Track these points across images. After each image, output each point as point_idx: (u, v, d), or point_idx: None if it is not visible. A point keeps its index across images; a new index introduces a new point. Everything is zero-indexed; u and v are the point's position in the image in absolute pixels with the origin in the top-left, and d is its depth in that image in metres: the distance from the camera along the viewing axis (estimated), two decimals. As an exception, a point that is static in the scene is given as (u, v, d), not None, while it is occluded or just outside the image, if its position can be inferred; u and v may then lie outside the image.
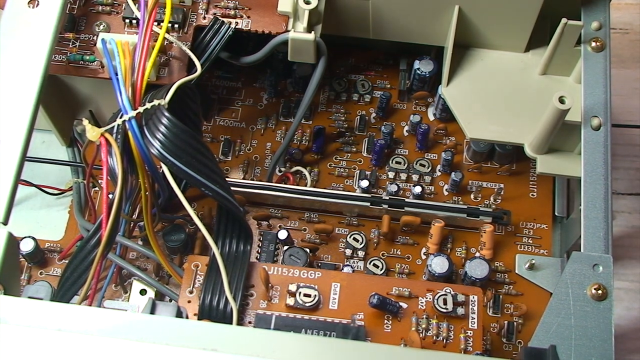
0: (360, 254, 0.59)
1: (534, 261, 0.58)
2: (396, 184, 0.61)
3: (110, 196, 0.47)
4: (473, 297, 0.52)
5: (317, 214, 0.61)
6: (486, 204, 0.61)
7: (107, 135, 0.46)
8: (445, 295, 0.52)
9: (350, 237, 0.59)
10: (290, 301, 0.51)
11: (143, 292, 0.56)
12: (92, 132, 0.46)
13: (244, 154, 0.64)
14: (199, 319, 0.49)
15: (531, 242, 0.60)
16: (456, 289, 0.52)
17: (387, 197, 0.59)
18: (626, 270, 0.68)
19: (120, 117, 0.46)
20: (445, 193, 0.62)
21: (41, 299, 0.46)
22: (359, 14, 0.58)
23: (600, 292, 0.45)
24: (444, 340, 0.51)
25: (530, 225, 0.61)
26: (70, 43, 0.54)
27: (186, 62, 0.54)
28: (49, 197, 0.63)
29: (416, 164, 0.63)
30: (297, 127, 0.60)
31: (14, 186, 0.42)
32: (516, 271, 0.59)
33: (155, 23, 0.50)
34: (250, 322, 0.51)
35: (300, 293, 0.51)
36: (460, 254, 0.59)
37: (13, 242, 0.41)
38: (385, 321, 0.51)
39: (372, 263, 0.59)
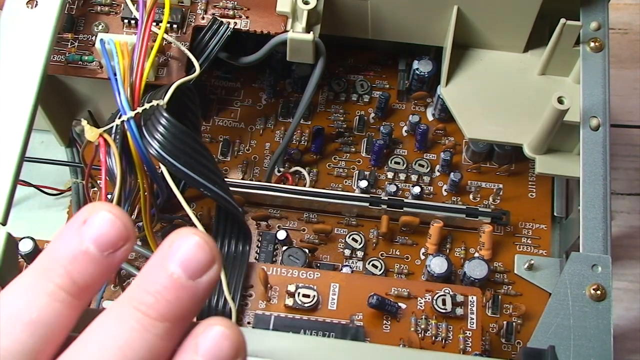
0: (359, 254, 0.59)
1: (533, 261, 0.58)
2: (395, 184, 0.61)
3: (109, 197, 0.47)
4: (472, 298, 0.52)
5: (316, 214, 0.61)
6: (485, 204, 0.61)
7: (106, 135, 0.46)
8: (444, 295, 0.52)
9: (349, 237, 0.59)
10: (289, 301, 0.51)
11: (142, 292, 0.56)
12: (91, 133, 0.46)
13: (242, 154, 0.64)
14: (197, 320, 0.49)
15: (530, 242, 0.60)
16: (455, 289, 0.52)
17: (386, 198, 0.59)
18: (625, 270, 0.68)
19: (119, 118, 0.46)
20: (444, 193, 0.62)
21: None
22: (358, 14, 0.58)
23: (599, 292, 0.45)
24: (443, 341, 0.51)
25: (529, 225, 0.61)
26: (69, 43, 0.54)
27: (185, 62, 0.53)
28: (48, 197, 0.63)
29: (415, 164, 0.62)
30: (296, 127, 0.60)
31: (12, 186, 0.42)
32: (515, 271, 0.59)
33: (154, 23, 0.50)
34: (249, 323, 0.51)
35: (299, 293, 0.51)
36: (459, 254, 0.59)
37: (12, 242, 0.41)
38: (384, 321, 0.51)
39: (371, 263, 0.59)
